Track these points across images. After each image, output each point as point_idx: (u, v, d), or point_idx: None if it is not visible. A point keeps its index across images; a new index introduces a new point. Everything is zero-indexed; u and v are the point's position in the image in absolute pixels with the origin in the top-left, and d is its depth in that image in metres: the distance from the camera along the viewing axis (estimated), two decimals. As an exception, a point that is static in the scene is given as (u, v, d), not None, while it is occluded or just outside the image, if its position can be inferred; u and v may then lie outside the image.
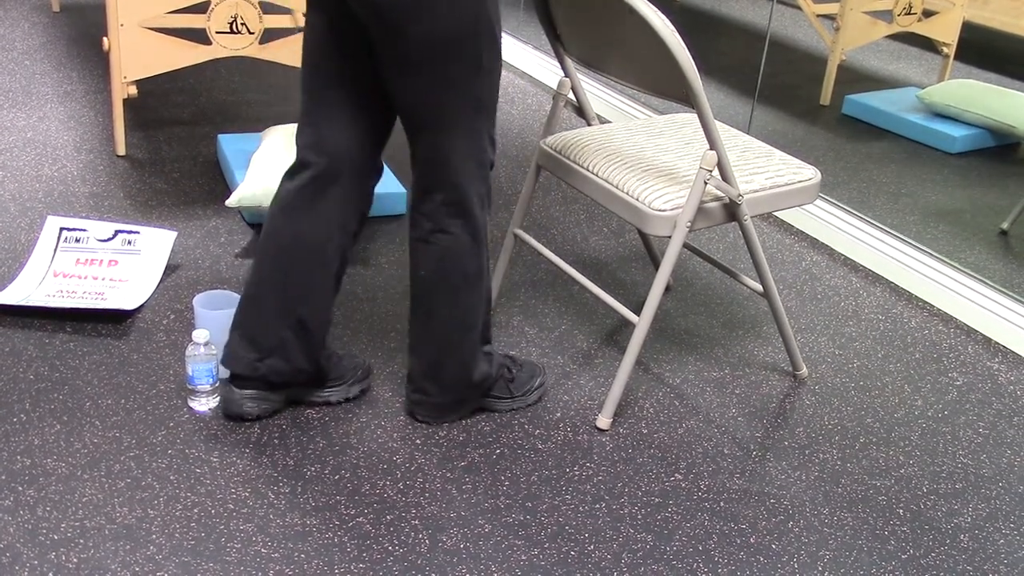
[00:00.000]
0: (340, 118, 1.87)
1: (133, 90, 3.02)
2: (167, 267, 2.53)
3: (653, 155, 2.14)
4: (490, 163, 1.91)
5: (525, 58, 4.37)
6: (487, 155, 1.89)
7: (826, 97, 3.54)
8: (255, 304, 1.95)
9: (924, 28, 3.35)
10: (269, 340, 1.94)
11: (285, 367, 1.96)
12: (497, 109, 1.71)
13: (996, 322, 2.54)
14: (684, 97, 1.93)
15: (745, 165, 2.11)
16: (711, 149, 1.94)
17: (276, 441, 1.96)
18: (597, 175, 2.09)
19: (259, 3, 3.06)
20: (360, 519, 1.79)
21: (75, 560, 1.65)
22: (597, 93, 3.96)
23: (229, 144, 3.06)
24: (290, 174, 1.92)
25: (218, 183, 3.02)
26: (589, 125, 2.33)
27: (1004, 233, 2.84)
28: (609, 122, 2.37)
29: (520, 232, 2.36)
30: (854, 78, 3.51)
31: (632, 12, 1.85)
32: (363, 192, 1.94)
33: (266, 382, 1.98)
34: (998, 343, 2.53)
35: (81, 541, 1.69)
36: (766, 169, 2.10)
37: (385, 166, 2.49)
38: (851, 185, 3.15)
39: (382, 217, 2.89)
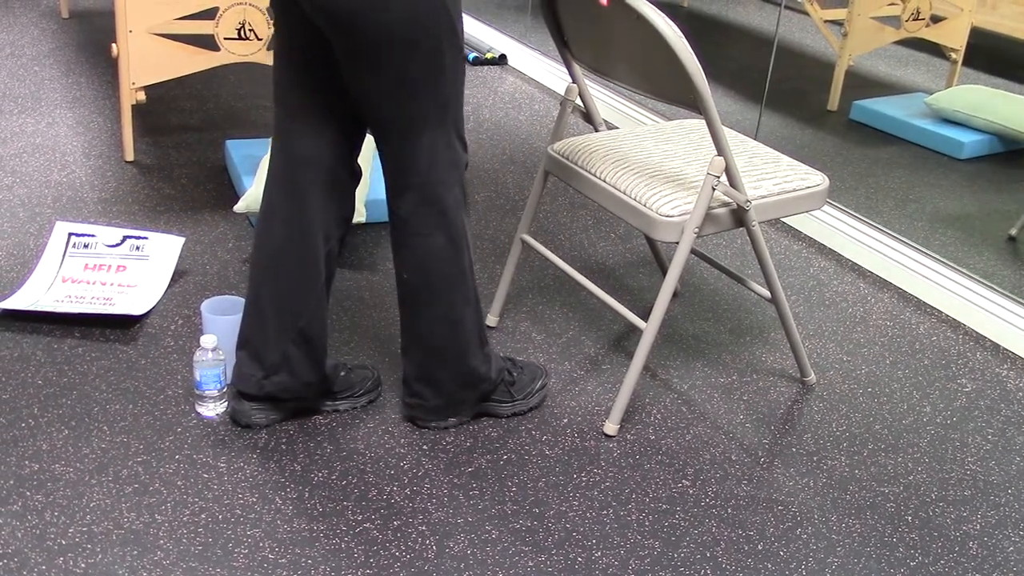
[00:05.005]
0: (310, 125, 1.83)
1: (142, 96, 3.03)
2: (175, 272, 2.53)
3: (661, 161, 2.14)
4: (463, 163, 1.86)
5: (533, 64, 4.37)
6: (458, 155, 1.84)
7: (834, 103, 3.54)
8: (256, 319, 1.93)
9: (932, 33, 3.35)
10: (273, 356, 1.93)
11: (292, 382, 1.95)
12: (464, 106, 1.71)
13: (1005, 328, 2.53)
14: (692, 103, 1.93)
15: (753, 171, 2.11)
16: (719, 155, 1.93)
17: (283, 447, 1.96)
18: (605, 181, 2.09)
19: (267, 9, 3.07)
20: (367, 524, 1.79)
21: (83, 565, 1.66)
22: (605, 99, 3.96)
23: (237, 149, 3.06)
24: (267, 185, 1.89)
25: (226, 188, 3.03)
26: (597, 131, 2.33)
27: (1012, 239, 2.83)
28: (617, 128, 2.37)
29: (527, 238, 2.35)
30: (862, 83, 3.51)
31: (640, 18, 1.85)
32: (342, 198, 1.90)
33: (272, 399, 1.97)
34: (1007, 349, 2.52)
35: (89, 546, 1.69)
36: (774, 175, 2.10)
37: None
38: (859, 191, 3.15)
39: (386, 222, 2.89)
